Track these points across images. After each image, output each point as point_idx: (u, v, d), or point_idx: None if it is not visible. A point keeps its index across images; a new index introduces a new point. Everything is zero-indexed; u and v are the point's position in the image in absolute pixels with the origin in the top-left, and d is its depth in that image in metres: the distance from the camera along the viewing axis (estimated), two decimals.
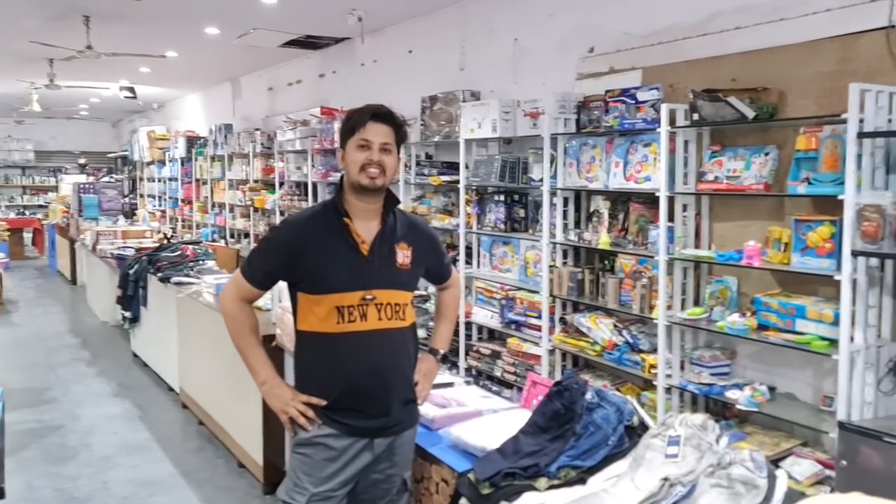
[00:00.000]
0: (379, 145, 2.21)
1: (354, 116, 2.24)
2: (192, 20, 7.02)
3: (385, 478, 2.32)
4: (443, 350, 2.56)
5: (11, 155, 18.62)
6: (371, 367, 2.22)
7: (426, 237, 2.44)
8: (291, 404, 2.23)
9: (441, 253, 2.56)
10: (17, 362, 7.00)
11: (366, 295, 2.20)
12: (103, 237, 8.69)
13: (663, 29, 4.30)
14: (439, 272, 2.57)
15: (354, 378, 2.21)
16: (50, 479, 4.32)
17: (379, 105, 2.27)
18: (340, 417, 2.22)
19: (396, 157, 2.29)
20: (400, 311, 2.28)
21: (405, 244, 2.31)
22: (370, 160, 2.20)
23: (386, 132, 2.23)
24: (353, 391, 2.21)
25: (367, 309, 2.21)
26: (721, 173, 3.76)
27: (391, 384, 2.26)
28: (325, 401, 2.22)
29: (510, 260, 5.23)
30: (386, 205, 2.30)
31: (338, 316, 2.19)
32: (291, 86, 9.24)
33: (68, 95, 12.53)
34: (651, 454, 2.02)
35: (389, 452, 2.30)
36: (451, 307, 2.66)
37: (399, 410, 2.28)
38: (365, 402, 2.22)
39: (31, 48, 7.71)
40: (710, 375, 3.81)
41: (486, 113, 5.06)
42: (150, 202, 14.52)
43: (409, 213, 2.51)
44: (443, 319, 2.64)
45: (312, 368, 2.28)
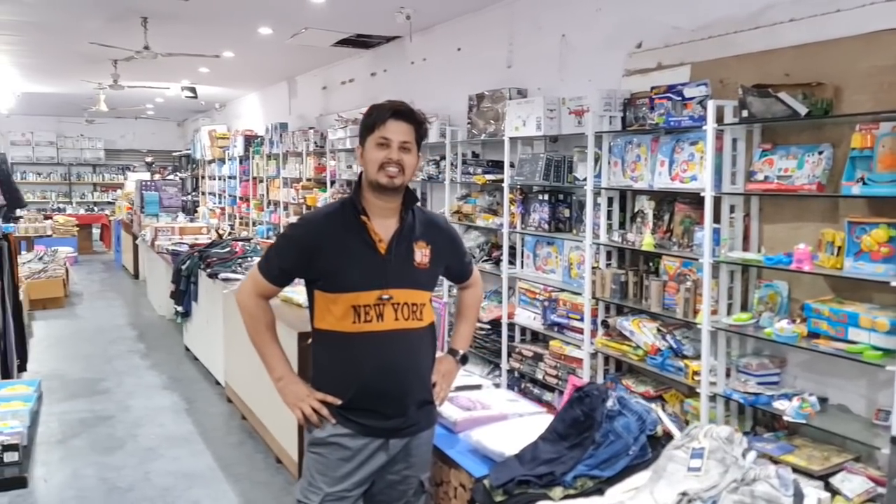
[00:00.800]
0: (398, 144, 2.17)
1: (374, 114, 2.20)
2: (245, 20, 7.12)
3: (401, 479, 2.28)
4: (462, 350, 2.50)
5: (83, 153, 19.31)
6: (387, 368, 2.18)
7: (446, 235, 2.38)
8: (306, 401, 2.21)
9: (462, 251, 2.50)
10: (77, 353, 7.24)
11: (382, 294, 2.17)
12: (161, 233, 8.92)
13: (713, 22, 4.13)
14: (460, 271, 2.51)
15: (370, 378, 2.18)
16: (96, 469, 4.43)
17: (399, 102, 2.22)
18: (356, 417, 2.19)
19: (416, 155, 2.24)
20: (417, 312, 2.23)
21: (424, 243, 2.26)
22: (389, 159, 2.15)
23: (406, 130, 2.18)
24: (368, 391, 2.18)
25: (383, 309, 2.17)
26: (772, 173, 3.59)
27: (407, 385, 2.22)
28: (340, 400, 2.19)
29: (554, 261, 5.12)
30: (405, 203, 2.26)
31: (354, 315, 2.16)
32: (344, 84, 9.31)
33: (133, 95, 12.93)
34: (673, 466, 1.92)
35: (406, 454, 2.26)
36: (471, 307, 2.60)
37: (415, 411, 2.24)
38: (380, 402, 2.19)
39: (94, 49, 7.95)
40: (757, 384, 3.64)
41: (530, 111, 4.97)
42: (211, 199, 14.86)
43: (428, 211, 2.46)
44: (463, 319, 2.58)
45: (328, 367, 2.25)
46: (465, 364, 2.54)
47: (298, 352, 3.61)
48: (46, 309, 9.23)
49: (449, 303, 5.82)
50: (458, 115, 6.28)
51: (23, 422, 2.56)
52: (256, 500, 4.02)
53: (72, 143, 19.14)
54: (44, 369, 6.55)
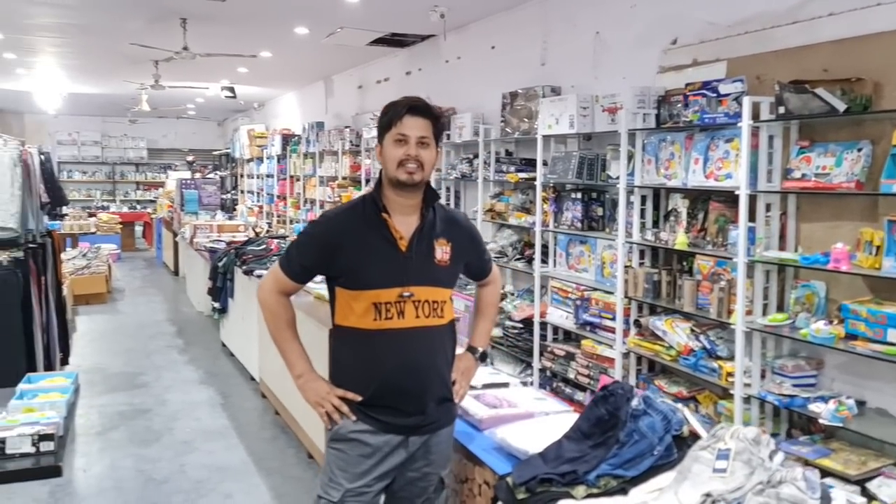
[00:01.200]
0: (416, 139, 2.16)
1: (390, 111, 2.20)
2: (281, 20, 7.20)
3: (421, 476, 2.29)
4: (482, 348, 2.50)
5: (126, 153, 19.71)
6: (407, 365, 2.19)
7: (466, 232, 2.38)
8: (327, 398, 2.22)
9: (482, 248, 2.49)
10: (118, 348, 7.41)
11: (403, 292, 2.17)
12: (200, 231, 9.08)
13: (750, 17, 4.06)
14: (480, 268, 2.50)
15: (390, 375, 2.18)
16: (133, 460, 4.52)
17: (415, 97, 2.22)
18: (376, 414, 2.20)
19: (435, 150, 2.23)
20: (438, 309, 2.23)
21: (444, 240, 2.26)
22: (408, 155, 2.15)
23: (423, 125, 2.18)
24: (388, 388, 2.19)
25: (404, 306, 2.17)
26: (809, 170, 3.52)
27: (427, 382, 2.22)
28: (360, 396, 2.20)
29: (587, 259, 5.08)
30: (425, 200, 2.26)
31: (375, 313, 2.17)
32: (380, 83, 9.35)
33: (175, 95, 13.17)
34: (698, 467, 1.90)
35: (425, 451, 2.26)
36: (491, 304, 2.59)
37: (435, 409, 2.25)
38: (400, 399, 2.19)
39: (135, 50, 8.12)
40: (792, 386, 3.57)
41: (563, 108, 4.94)
42: (250, 198, 15.06)
43: (449, 208, 2.45)
44: (482, 317, 2.58)
45: (348, 364, 2.26)
46: (484, 362, 2.54)
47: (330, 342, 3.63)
48: (89, 304, 9.46)
49: None
50: (491, 114, 6.27)
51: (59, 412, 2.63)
52: (288, 494, 4.07)
53: (116, 143, 19.55)
54: (85, 363, 6.72)
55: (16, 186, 4.68)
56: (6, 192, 4.63)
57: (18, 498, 3.89)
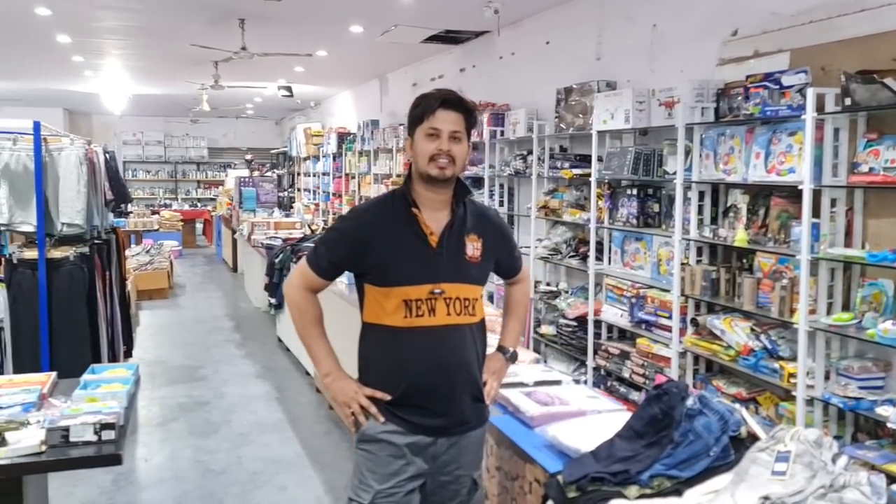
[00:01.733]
0: (448, 133, 2.11)
1: (423, 103, 2.15)
2: (336, 19, 7.28)
3: (454, 479, 2.23)
4: (512, 348, 2.43)
5: (188, 152, 20.26)
6: (438, 364, 2.13)
7: (497, 228, 2.32)
8: (355, 398, 2.17)
9: (512, 245, 2.43)
10: (178, 342, 7.61)
11: (434, 289, 2.12)
12: (257, 228, 9.26)
13: (815, 6, 3.92)
14: (510, 266, 2.43)
15: (420, 374, 2.13)
16: (192, 451, 4.64)
17: (448, 90, 2.17)
18: (404, 414, 2.15)
19: (467, 144, 2.18)
20: (469, 306, 2.18)
21: (475, 236, 2.20)
22: (440, 150, 2.10)
23: (455, 119, 2.13)
24: (417, 388, 2.14)
25: (435, 303, 2.12)
26: (878, 164, 3.38)
27: (458, 382, 2.17)
28: (389, 395, 2.15)
29: (642, 257, 5.00)
30: (456, 195, 2.20)
31: (405, 310, 2.12)
32: (434, 81, 9.36)
33: (234, 95, 13.45)
34: (756, 469, 1.84)
35: (456, 452, 2.20)
36: (520, 304, 2.52)
37: (465, 409, 2.19)
38: (430, 399, 2.14)
39: (195, 51, 8.31)
40: (858, 388, 3.44)
41: (618, 103, 4.86)
42: (306, 196, 15.28)
43: (479, 203, 2.39)
44: (512, 316, 2.50)
45: (377, 362, 2.20)
46: (514, 362, 2.46)
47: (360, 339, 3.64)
48: (152, 299, 9.74)
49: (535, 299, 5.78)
50: (545, 110, 6.22)
51: (120, 403, 2.70)
52: (340, 487, 4.10)
53: (178, 142, 20.11)
54: (147, 356, 6.92)
55: (81, 184, 4.83)
56: (72, 189, 4.79)
57: (84, 485, 4.04)
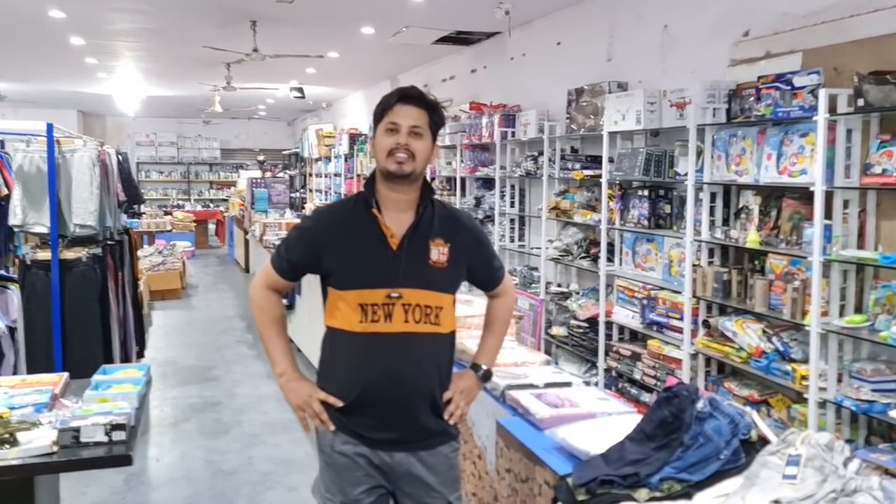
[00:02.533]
0: (408, 128, 2.04)
1: (383, 100, 2.11)
2: (348, 20, 7.30)
3: (426, 500, 2.15)
4: (486, 366, 2.29)
5: (200, 153, 20.38)
6: (390, 374, 2.05)
7: (470, 233, 2.21)
8: (308, 402, 2.11)
9: (489, 253, 2.29)
10: (190, 342, 7.65)
11: (391, 293, 2.04)
12: (269, 228, 9.27)
13: (827, 7, 3.89)
14: (486, 275, 2.30)
15: (372, 383, 2.06)
16: (203, 451, 4.67)
17: (410, 87, 2.13)
18: (354, 425, 2.09)
19: (430, 142, 2.10)
20: (432, 315, 2.08)
21: (441, 240, 2.10)
22: (398, 144, 2.03)
23: (416, 115, 2.06)
24: (369, 397, 2.07)
25: (392, 308, 2.04)
26: (891, 165, 3.35)
27: (410, 394, 2.08)
28: (341, 401, 2.08)
29: (653, 258, 4.98)
30: (422, 196, 2.13)
31: (361, 314, 2.05)
32: (445, 82, 9.37)
33: (246, 97, 13.52)
34: (766, 473, 1.83)
35: (419, 470, 2.12)
36: (500, 318, 2.35)
37: (421, 424, 2.11)
38: (381, 410, 2.07)
39: (207, 53, 8.36)
40: (871, 391, 3.41)
41: (630, 104, 4.85)
42: (318, 196, 15.32)
43: (452, 207, 2.30)
44: (489, 332, 2.35)
45: (333, 367, 2.15)
46: (487, 381, 2.33)
47: None
48: (164, 300, 9.80)
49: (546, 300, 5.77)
50: (556, 110, 6.21)
51: (131, 403, 2.72)
52: None
53: (190, 143, 20.24)
54: (160, 356, 6.96)
55: (94, 185, 4.87)
56: (85, 190, 4.83)
57: (96, 485, 4.07)
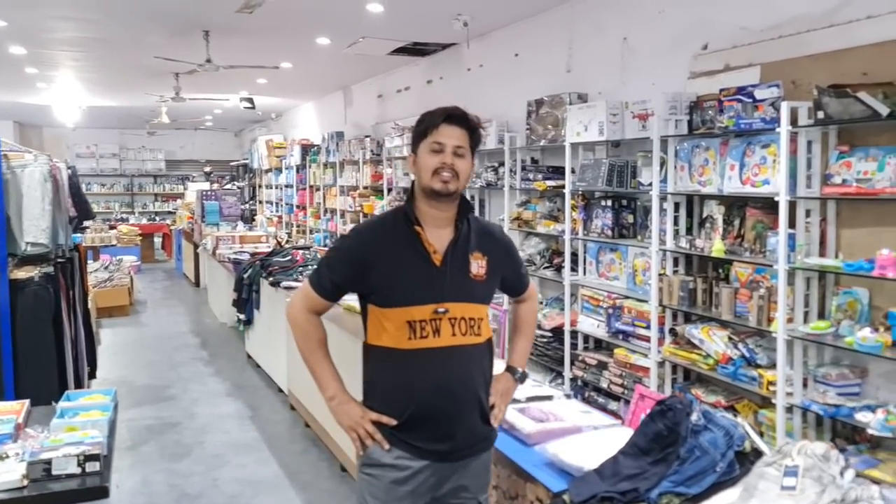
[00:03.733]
0: (452, 148, 2.08)
1: (427, 119, 2.12)
2: (304, 31, 7.21)
3: (459, 502, 2.19)
4: (520, 368, 2.37)
5: (145, 164, 19.88)
6: (443, 387, 2.08)
7: (502, 246, 2.28)
8: (360, 423, 2.13)
9: (518, 262, 2.39)
10: (142, 360, 7.42)
11: (438, 308, 2.07)
12: (222, 242, 9.08)
13: (784, 21, 4.01)
14: (516, 283, 2.39)
15: (425, 398, 2.08)
16: (164, 475, 4.51)
17: (453, 107, 2.14)
18: (409, 439, 2.10)
19: (471, 161, 2.15)
20: (475, 326, 2.13)
21: (480, 253, 2.16)
22: (443, 164, 2.07)
23: (459, 135, 2.10)
24: (423, 411, 2.09)
25: (440, 324, 2.08)
26: (850, 176, 3.46)
27: (464, 405, 2.12)
28: (395, 420, 2.11)
29: (617, 267, 5.04)
30: (459, 212, 2.17)
31: (409, 331, 2.07)
32: (400, 93, 9.35)
33: (194, 107, 13.25)
34: (765, 484, 1.86)
35: (462, 476, 2.16)
36: (528, 322, 2.47)
37: (472, 433, 2.15)
38: (436, 423, 2.10)
39: (157, 63, 8.16)
40: (836, 395, 3.51)
41: (592, 115, 4.90)
42: (268, 208, 15.10)
43: (483, 220, 2.36)
44: (520, 335, 2.45)
45: (382, 386, 2.15)
46: (522, 382, 2.41)
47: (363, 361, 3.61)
48: (112, 317, 9.49)
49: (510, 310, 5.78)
50: (516, 121, 6.24)
51: (102, 431, 2.61)
52: None
53: (134, 155, 19.73)
54: (111, 376, 6.72)
55: (46, 202, 4.68)
56: (37, 207, 4.63)
57: None
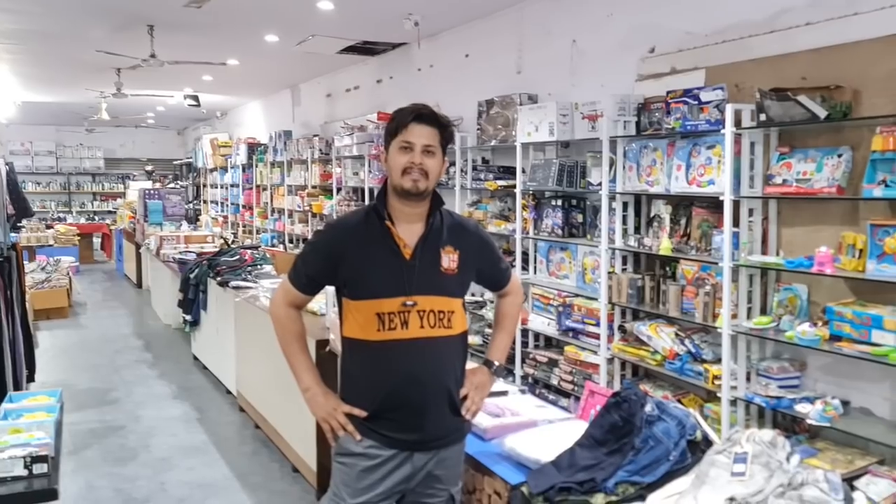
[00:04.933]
0: (421, 147, 2.12)
1: (397, 118, 2.16)
2: (252, 28, 7.12)
3: (432, 492, 2.24)
4: (498, 362, 2.40)
5: (83, 163, 19.29)
6: (411, 377, 2.13)
7: (476, 240, 2.31)
8: (333, 415, 2.18)
9: (496, 256, 2.41)
10: (83, 363, 7.20)
11: (406, 301, 2.12)
12: (167, 242, 8.89)
13: (728, 27, 4.14)
14: (495, 277, 2.43)
15: (394, 388, 2.13)
16: (109, 480, 4.40)
17: (422, 105, 2.17)
18: (380, 428, 2.15)
19: (441, 159, 2.19)
20: (445, 319, 2.17)
21: (451, 248, 2.20)
22: (412, 163, 2.11)
23: (429, 134, 2.14)
24: (392, 402, 2.14)
25: (408, 316, 2.12)
26: (790, 176, 3.59)
27: (432, 396, 2.16)
28: (365, 412, 2.16)
29: (567, 266, 5.12)
30: (431, 207, 2.21)
31: (378, 323, 2.12)
32: (349, 92, 9.30)
33: (135, 104, 12.92)
34: (715, 472, 1.91)
35: (434, 467, 2.20)
36: (508, 316, 2.49)
37: (441, 424, 2.19)
38: (404, 413, 2.14)
39: (99, 58, 7.94)
40: (778, 388, 3.63)
41: (543, 116, 4.97)
42: (213, 208, 14.84)
43: (458, 215, 2.38)
44: (499, 329, 2.49)
45: (354, 376, 2.21)
46: (500, 377, 2.44)
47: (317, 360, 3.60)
48: (50, 319, 9.20)
49: None
50: (467, 122, 6.28)
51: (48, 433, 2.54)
52: None
53: (71, 153, 19.15)
54: (51, 379, 6.50)
55: None
56: None
57: None
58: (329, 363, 3.21)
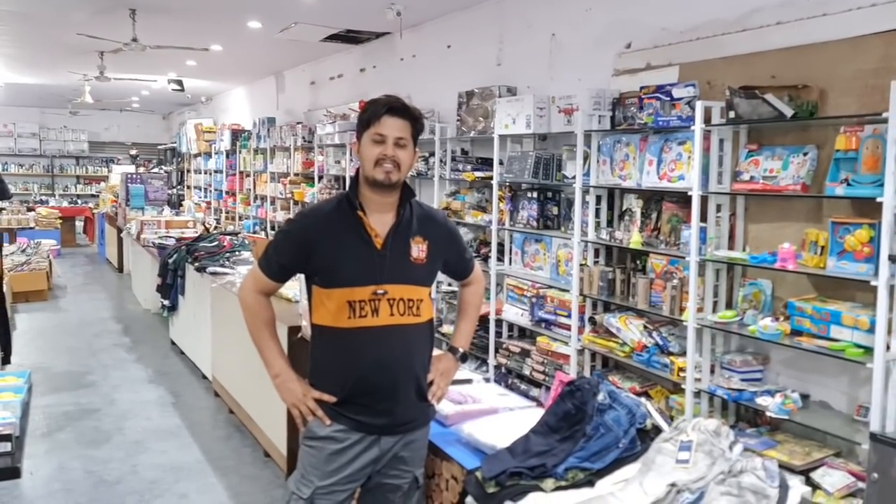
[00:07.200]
0: (394, 140, 2.17)
1: (370, 109, 2.20)
2: (235, 14, 7.10)
3: (396, 474, 2.30)
4: (462, 349, 2.47)
5: (66, 145, 19.14)
6: (381, 363, 2.19)
7: (444, 230, 2.37)
8: (303, 400, 2.23)
9: (461, 247, 2.49)
10: (61, 346, 7.20)
11: (377, 290, 2.17)
12: (147, 226, 8.87)
13: (701, 24, 4.19)
14: (459, 267, 2.49)
15: (363, 374, 2.19)
16: (82, 462, 4.43)
17: (394, 97, 2.22)
18: (349, 413, 2.20)
19: (412, 151, 2.24)
20: (414, 307, 2.23)
21: (421, 238, 2.26)
22: (384, 155, 2.16)
23: (401, 126, 2.19)
24: (361, 387, 2.19)
25: (378, 304, 2.18)
26: (757, 173, 3.65)
27: (401, 381, 2.22)
28: (335, 398, 2.21)
29: (542, 258, 5.17)
30: (402, 198, 2.27)
31: (349, 310, 2.17)
32: (333, 80, 9.30)
33: (119, 88, 12.83)
34: (661, 458, 1.97)
35: (400, 450, 2.26)
36: (472, 304, 2.57)
37: (408, 408, 2.25)
38: (373, 398, 2.20)
39: (81, 41, 7.90)
40: (740, 381, 3.71)
41: (520, 109, 5.01)
42: (197, 193, 14.79)
43: (427, 206, 2.44)
44: (464, 317, 2.56)
45: (324, 362, 2.26)
46: (464, 362, 2.51)
47: (289, 346, 3.64)
48: (29, 302, 9.17)
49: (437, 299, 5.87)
50: (447, 112, 6.32)
51: (14, 413, 2.57)
52: (245, 493, 4.04)
53: (55, 135, 18.98)
54: (27, 362, 6.50)
55: None
56: None
57: None
58: (301, 349, 3.24)
